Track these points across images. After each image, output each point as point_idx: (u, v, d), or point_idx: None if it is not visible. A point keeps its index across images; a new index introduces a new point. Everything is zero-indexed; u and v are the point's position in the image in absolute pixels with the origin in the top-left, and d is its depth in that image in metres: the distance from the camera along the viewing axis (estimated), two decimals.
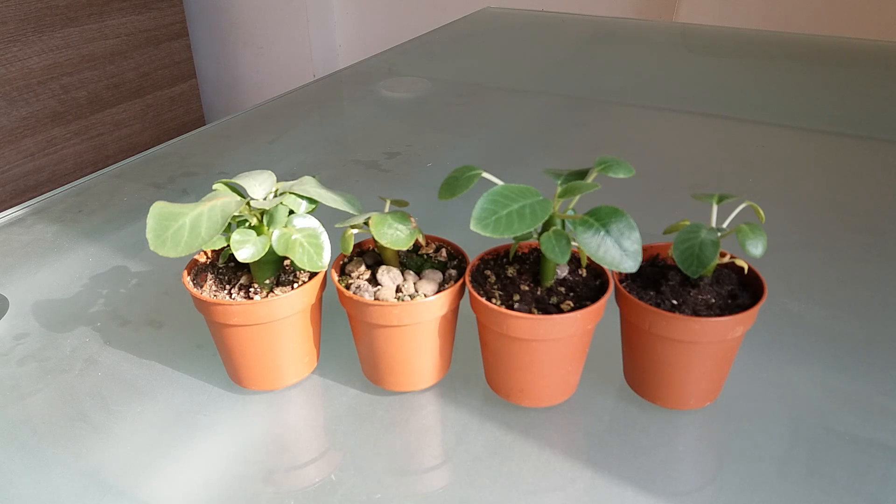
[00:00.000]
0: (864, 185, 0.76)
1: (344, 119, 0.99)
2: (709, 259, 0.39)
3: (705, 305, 0.41)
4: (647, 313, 0.40)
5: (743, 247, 0.38)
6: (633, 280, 0.44)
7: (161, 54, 2.10)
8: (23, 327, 0.54)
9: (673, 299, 0.41)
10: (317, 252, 0.42)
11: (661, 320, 0.40)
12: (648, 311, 0.40)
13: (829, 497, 0.39)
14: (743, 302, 0.41)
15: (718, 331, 0.39)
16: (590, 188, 0.38)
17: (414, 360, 0.44)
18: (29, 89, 1.77)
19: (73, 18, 1.83)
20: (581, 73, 1.16)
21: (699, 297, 0.41)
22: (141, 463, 0.42)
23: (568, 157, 0.83)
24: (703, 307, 0.41)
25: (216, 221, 0.37)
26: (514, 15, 1.53)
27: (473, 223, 0.37)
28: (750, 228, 0.39)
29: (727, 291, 0.42)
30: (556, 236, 0.38)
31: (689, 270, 0.39)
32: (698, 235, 0.40)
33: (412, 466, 0.41)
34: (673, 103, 1.00)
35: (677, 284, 0.42)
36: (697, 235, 0.40)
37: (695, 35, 1.37)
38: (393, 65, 1.19)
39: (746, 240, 0.39)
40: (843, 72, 1.13)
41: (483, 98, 1.03)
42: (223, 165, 0.83)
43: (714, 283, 0.42)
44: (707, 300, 0.41)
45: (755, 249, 0.38)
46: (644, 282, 0.43)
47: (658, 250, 0.46)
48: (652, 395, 0.44)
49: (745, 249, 0.38)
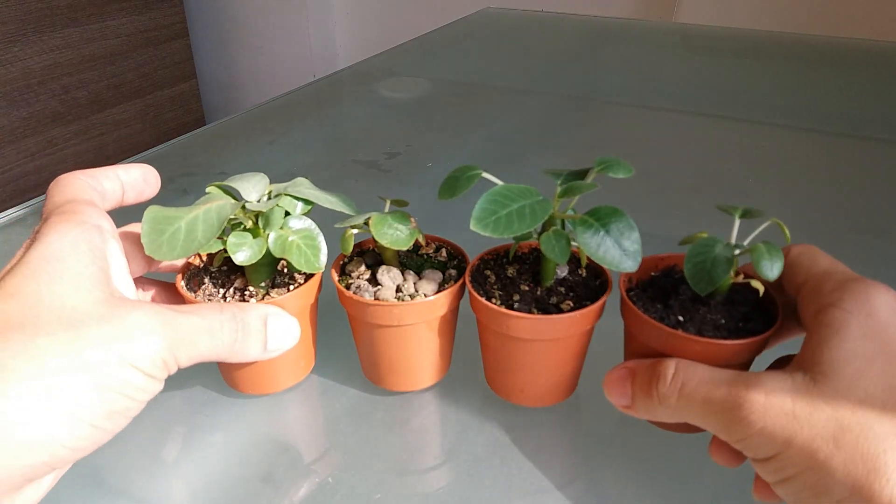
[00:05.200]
0: (864, 185, 0.76)
1: (344, 119, 0.99)
2: (719, 277, 0.36)
3: (713, 325, 0.37)
4: (648, 327, 0.38)
5: (756, 267, 0.35)
6: (643, 290, 0.41)
7: (161, 54, 2.10)
8: None
9: (679, 315, 0.38)
10: (314, 253, 0.42)
11: (662, 335, 0.37)
12: (650, 325, 0.37)
13: None
14: (754, 327, 0.37)
15: (722, 355, 0.36)
16: (589, 188, 0.38)
17: (414, 360, 0.44)
18: (29, 89, 1.77)
19: (74, 19, 1.83)
20: (581, 73, 1.16)
21: (708, 315, 0.38)
22: (141, 463, 0.42)
23: (568, 157, 0.83)
24: (709, 327, 0.37)
25: (212, 224, 0.37)
26: (514, 15, 1.53)
27: (473, 223, 0.37)
28: (767, 248, 0.36)
29: (740, 313, 0.38)
30: (556, 236, 0.38)
31: (697, 287, 0.36)
32: (712, 251, 0.37)
33: (412, 466, 0.41)
34: (673, 103, 1.00)
35: (688, 300, 0.39)
36: (712, 251, 0.37)
37: (695, 35, 1.37)
38: (393, 65, 1.19)
39: (761, 260, 0.35)
40: (843, 72, 1.13)
41: (483, 98, 1.04)
42: (223, 165, 0.83)
43: (727, 302, 0.39)
44: (716, 320, 0.38)
45: (770, 272, 0.35)
46: (655, 293, 0.40)
47: (676, 261, 0.42)
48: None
49: (759, 270, 0.35)
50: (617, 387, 0.37)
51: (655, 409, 0.35)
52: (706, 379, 0.33)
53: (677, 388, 0.34)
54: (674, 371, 0.34)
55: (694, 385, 0.33)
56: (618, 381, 0.37)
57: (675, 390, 0.34)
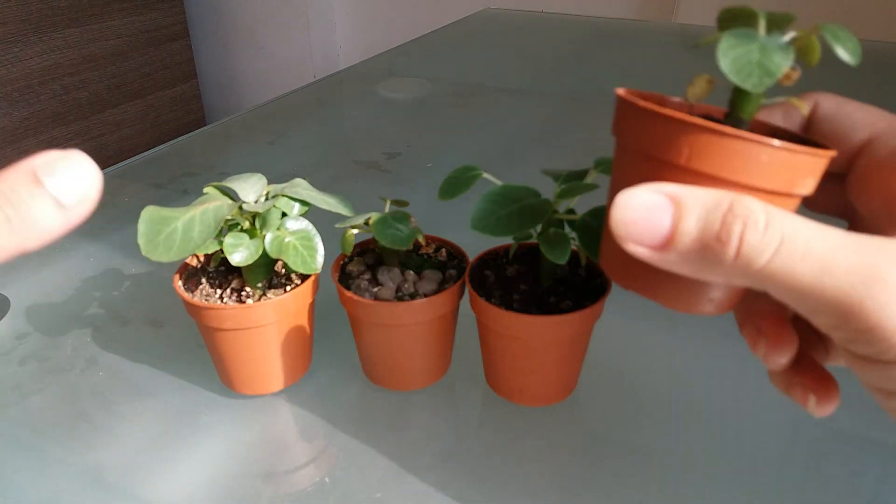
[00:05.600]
0: None
1: (344, 119, 0.99)
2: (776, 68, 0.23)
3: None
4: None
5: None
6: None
7: (162, 55, 2.10)
8: (24, 327, 0.54)
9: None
10: (310, 254, 0.42)
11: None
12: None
13: (827, 495, 0.39)
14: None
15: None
16: (589, 188, 0.38)
17: (414, 359, 0.44)
18: (30, 90, 1.77)
19: (74, 19, 1.83)
20: (581, 73, 1.16)
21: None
22: (141, 462, 0.42)
23: (568, 157, 0.83)
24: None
25: (209, 225, 0.37)
26: (514, 15, 1.53)
27: (473, 223, 0.37)
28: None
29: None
30: (556, 236, 0.38)
31: (748, 83, 0.23)
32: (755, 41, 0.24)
33: (412, 466, 0.41)
34: None
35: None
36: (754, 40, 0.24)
37: (694, 35, 1.37)
38: (393, 65, 1.19)
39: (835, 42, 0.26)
40: (843, 72, 1.13)
41: (483, 98, 1.04)
42: (223, 165, 0.83)
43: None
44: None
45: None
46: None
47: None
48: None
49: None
50: (647, 216, 0.23)
51: (716, 265, 0.23)
52: (818, 236, 0.22)
53: (775, 243, 0.22)
54: (766, 217, 0.22)
55: (802, 243, 0.22)
56: (649, 210, 0.23)
57: (771, 244, 0.22)
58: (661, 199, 0.23)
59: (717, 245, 0.22)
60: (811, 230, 0.22)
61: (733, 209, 0.22)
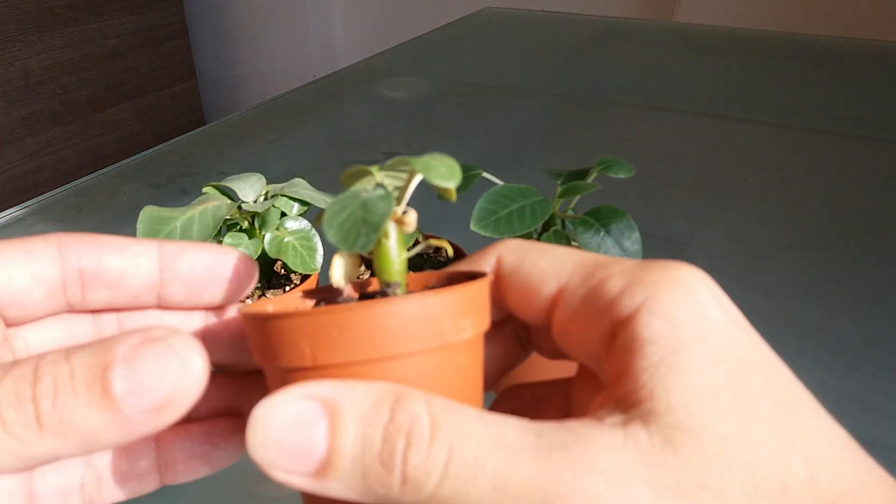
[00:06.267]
0: (864, 185, 0.76)
1: (344, 119, 0.99)
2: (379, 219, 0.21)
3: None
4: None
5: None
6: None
7: (161, 54, 2.10)
8: None
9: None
10: (309, 254, 0.42)
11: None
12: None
13: None
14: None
15: None
16: (590, 188, 0.38)
17: None
18: (29, 89, 1.77)
19: (73, 18, 1.83)
20: (581, 73, 1.16)
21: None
22: None
23: (568, 157, 0.83)
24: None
25: (207, 225, 0.37)
26: (514, 15, 1.53)
27: (473, 223, 0.37)
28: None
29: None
30: (556, 236, 0.38)
31: (356, 246, 0.21)
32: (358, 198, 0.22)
33: None
34: (673, 103, 1.00)
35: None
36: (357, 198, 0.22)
37: (695, 35, 1.37)
38: (393, 64, 1.19)
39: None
40: (843, 72, 1.13)
41: (483, 98, 1.03)
42: (223, 165, 0.83)
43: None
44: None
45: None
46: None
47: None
48: None
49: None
50: (294, 434, 0.19)
51: (387, 494, 0.18)
52: (490, 443, 0.18)
53: (442, 460, 0.17)
54: (430, 424, 0.18)
55: (471, 457, 0.17)
56: (296, 425, 0.19)
57: (438, 463, 0.17)
58: (313, 406, 0.18)
59: (382, 470, 0.18)
60: (483, 436, 0.18)
61: (395, 417, 0.18)
